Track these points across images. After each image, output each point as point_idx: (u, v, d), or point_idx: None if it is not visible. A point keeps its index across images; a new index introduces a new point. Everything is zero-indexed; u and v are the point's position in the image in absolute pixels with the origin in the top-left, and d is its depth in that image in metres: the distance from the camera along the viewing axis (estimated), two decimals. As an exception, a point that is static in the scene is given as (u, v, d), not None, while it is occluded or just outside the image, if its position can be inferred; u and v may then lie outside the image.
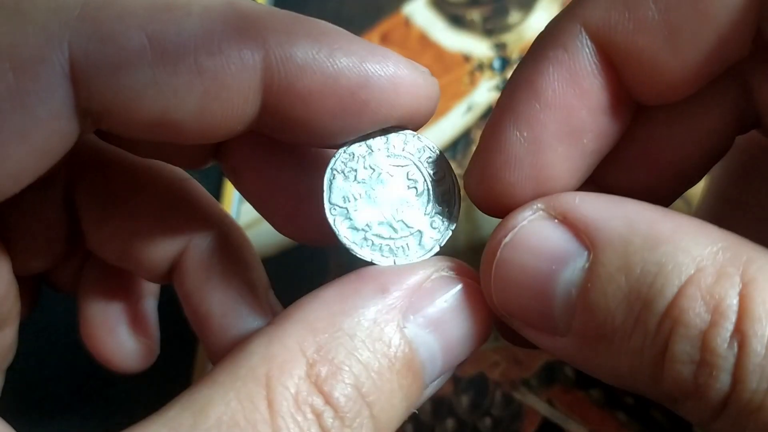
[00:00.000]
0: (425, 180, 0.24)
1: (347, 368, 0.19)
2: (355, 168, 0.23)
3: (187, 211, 0.29)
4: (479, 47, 0.46)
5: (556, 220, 0.21)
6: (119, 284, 0.32)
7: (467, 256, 0.23)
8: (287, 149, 0.26)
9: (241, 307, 0.27)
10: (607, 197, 0.21)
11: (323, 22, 0.22)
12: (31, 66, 0.19)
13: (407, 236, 0.23)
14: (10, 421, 0.21)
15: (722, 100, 0.24)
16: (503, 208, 0.23)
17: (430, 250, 0.23)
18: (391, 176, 0.23)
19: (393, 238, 0.23)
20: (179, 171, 0.30)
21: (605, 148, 0.23)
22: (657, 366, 0.19)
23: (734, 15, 0.21)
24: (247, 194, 0.27)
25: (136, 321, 0.32)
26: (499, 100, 0.23)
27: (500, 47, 0.46)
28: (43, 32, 0.19)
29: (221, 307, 0.27)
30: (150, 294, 0.33)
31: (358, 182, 0.23)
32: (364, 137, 0.23)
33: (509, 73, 0.45)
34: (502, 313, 0.22)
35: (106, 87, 0.20)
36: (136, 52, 0.20)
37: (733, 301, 0.18)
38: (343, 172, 0.23)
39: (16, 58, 0.19)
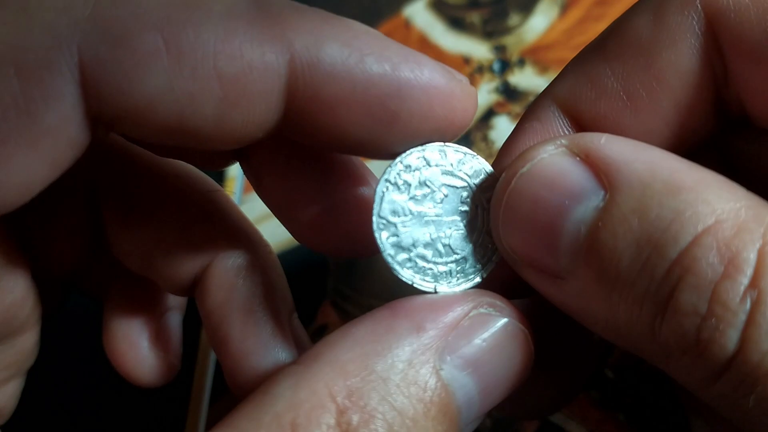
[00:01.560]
0: (477, 206, 0.22)
1: (380, 415, 0.18)
2: (409, 182, 0.22)
3: (215, 224, 0.27)
4: (479, 49, 0.47)
5: (577, 158, 0.20)
6: (145, 296, 0.30)
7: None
8: (313, 156, 0.25)
9: (262, 332, 0.26)
10: (634, 142, 0.20)
11: (356, 22, 0.21)
12: (37, 71, 0.18)
13: (451, 262, 0.22)
14: (29, 422, 0.20)
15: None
16: None
17: (473, 280, 0.22)
18: (445, 196, 0.22)
19: (437, 262, 0.22)
20: (209, 181, 0.28)
21: None
22: (657, 317, 0.18)
23: (688, 79, 0.22)
24: (268, 200, 0.26)
25: (160, 335, 0.30)
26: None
27: (500, 50, 0.46)
28: (51, 33, 0.18)
29: (242, 330, 0.26)
30: (176, 308, 0.31)
31: (411, 198, 0.21)
32: (421, 149, 0.22)
33: (509, 76, 0.46)
34: (505, 247, 0.21)
35: (119, 93, 0.18)
36: (150, 56, 0.18)
37: (751, 255, 0.17)
38: (396, 184, 0.21)
39: (21, 63, 0.18)
